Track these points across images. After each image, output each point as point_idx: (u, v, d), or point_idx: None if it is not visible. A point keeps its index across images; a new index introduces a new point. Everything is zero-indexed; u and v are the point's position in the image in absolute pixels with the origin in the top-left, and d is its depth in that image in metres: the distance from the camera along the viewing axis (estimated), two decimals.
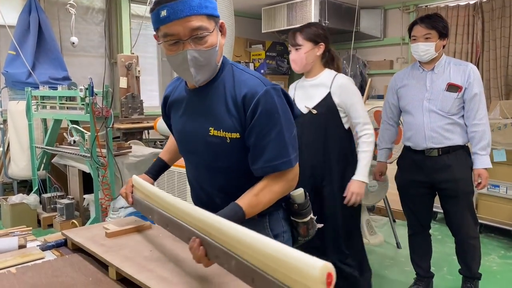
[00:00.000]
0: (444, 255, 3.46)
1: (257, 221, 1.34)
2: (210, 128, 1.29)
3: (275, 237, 1.38)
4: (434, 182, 2.60)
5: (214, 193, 1.38)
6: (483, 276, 2.69)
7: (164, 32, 1.18)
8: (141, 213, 1.52)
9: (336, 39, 7.00)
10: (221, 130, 1.27)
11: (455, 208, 2.60)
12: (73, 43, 4.78)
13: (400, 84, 2.72)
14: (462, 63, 2.59)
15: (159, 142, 5.54)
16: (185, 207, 1.17)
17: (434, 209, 2.83)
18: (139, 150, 4.23)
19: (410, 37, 2.65)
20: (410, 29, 2.64)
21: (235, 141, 1.27)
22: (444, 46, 2.58)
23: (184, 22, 1.16)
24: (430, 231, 2.83)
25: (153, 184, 1.56)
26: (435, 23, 2.53)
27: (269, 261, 0.84)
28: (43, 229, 4.20)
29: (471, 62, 5.56)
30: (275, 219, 1.40)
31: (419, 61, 2.67)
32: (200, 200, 1.45)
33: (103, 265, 1.31)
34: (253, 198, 1.24)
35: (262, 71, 7.25)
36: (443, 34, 2.54)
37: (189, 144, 1.39)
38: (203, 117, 1.31)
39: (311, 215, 1.44)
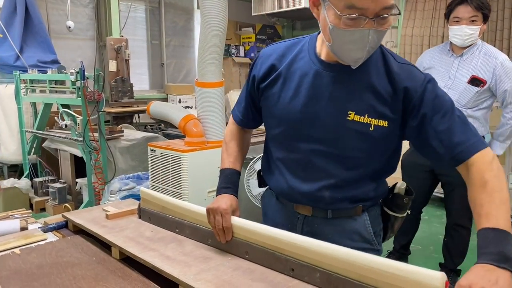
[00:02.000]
0: (431, 234, 3.58)
1: (358, 218, 1.25)
2: (350, 112, 1.12)
3: (375, 235, 1.28)
4: (437, 173, 2.62)
5: (327, 185, 1.20)
6: (472, 258, 2.72)
7: (350, 2, 0.98)
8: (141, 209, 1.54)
9: None
10: (366, 116, 1.12)
11: (452, 194, 2.61)
12: (69, 27, 4.71)
13: (426, 65, 2.58)
14: (492, 54, 2.39)
15: (150, 126, 5.53)
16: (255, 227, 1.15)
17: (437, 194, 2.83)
18: (131, 134, 4.23)
19: (449, 17, 2.41)
20: (452, 9, 2.39)
21: (379, 130, 1.13)
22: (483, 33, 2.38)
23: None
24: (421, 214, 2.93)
25: (237, 201, 1.32)
26: (483, 5, 2.31)
27: (384, 277, 0.86)
28: (35, 213, 4.20)
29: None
30: (374, 216, 1.29)
31: (451, 43, 2.48)
32: (302, 191, 1.24)
33: (105, 246, 1.35)
34: (501, 205, 0.97)
35: (252, 54, 7.23)
36: (487, 17, 2.33)
37: (305, 127, 1.18)
38: (340, 99, 1.13)
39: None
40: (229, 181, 1.34)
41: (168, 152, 2.86)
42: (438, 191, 3.05)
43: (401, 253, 2.96)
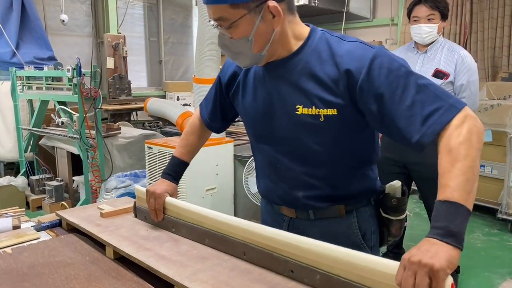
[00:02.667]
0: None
1: (343, 219, 1.20)
2: (298, 106, 1.10)
3: (363, 237, 1.22)
4: (406, 162, 2.62)
5: (296, 184, 1.19)
6: (468, 253, 2.76)
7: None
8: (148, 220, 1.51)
9: (326, 20, 6.95)
10: (313, 107, 1.08)
11: (427, 190, 2.62)
12: (63, 20, 4.67)
13: None
14: (455, 49, 2.50)
15: (148, 123, 5.49)
16: (245, 224, 1.13)
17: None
18: (128, 132, 4.20)
19: (410, 17, 2.55)
20: (411, 9, 2.53)
21: (330, 119, 1.08)
22: (444, 28, 2.50)
23: (209, 8, 1.07)
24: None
25: (176, 189, 1.44)
26: (439, 3, 2.44)
27: (386, 279, 0.83)
28: (32, 211, 4.17)
29: (459, 43, 5.59)
30: (364, 217, 1.22)
31: (415, 42, 2.60)
32: (276, 194, 1.26)
33: (99, 245, 1.31)
34: (461, 175, 0.87)
35: None
36: (445, 15, 2.46)
37: (264, 129, 1.20)
38: (287, 95, 1.12)
39: (407, 212, 1.26)
40: (174, 170, 1.44)
41: (166, 149, 2.83)
42: None
43: (395, 253, 2.93)
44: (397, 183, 1.21)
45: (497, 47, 5.35)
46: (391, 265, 0.83)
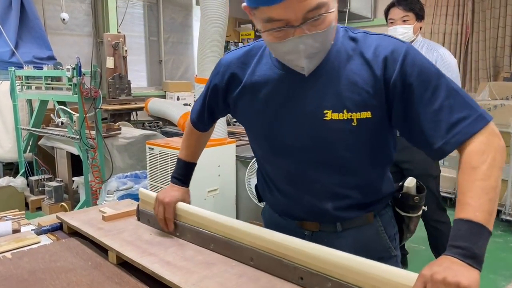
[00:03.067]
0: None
1: (371, 225, 1.13)
2: (326, 111, 1.00)
3: (390, 240, 1.17)
4: (397, 161, 2.60)
5: (324, 196, 1.10)
6: None
7: (267, 16, 0.87)
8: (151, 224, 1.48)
9: None
10: (345, 111, 0.99)
11: None
12: (64, 19, 4.63)
13: None
14: (434, 47, 2.51)
15: (148, 123, 5.45)
16: (248, 228, 1.10)
17: None
18: (128, 132, 4.16)
19: (387, 20, 2.59)
20: (387, 12, 2.57)
21: (364, 123, 0.99)
22: (421, 28, 2.54)
23: (294, 2, 0.85)
24: None
25: (188, 192, 1.38)
26: (412, 5, 2.48)
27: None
28: (31, 212, 4.13)
29: (461, 43, 5.57)
30: (387, 219, 1.17)
31: None
32: (299, 208, 1.16)
33: (101, 249, 1.28)
34: (484, 194, 0.84)
35: None
36: (420, 16, 2.50)
37: (283, 139, 1.07)
38: (312, 100, 1.01)
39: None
40: (182, 173, 1.37)
41: (167, 150, 2.80)
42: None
43: (402, 254, 2.91)
44: (412, 181, 1.18)
45: (499, 47, 5.33)
46: (407, 277, 0.80)
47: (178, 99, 6.03)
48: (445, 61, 2.46)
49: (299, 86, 1.02)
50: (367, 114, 0.98)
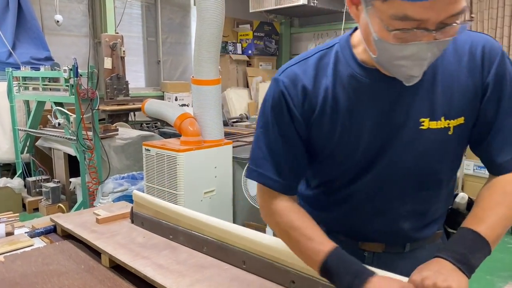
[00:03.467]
0: None
1: (435, 244, 1.04)
2: (423, 120, 0.88)
3: None
4: None
5: (402, 214, 0.98)
6: None
7: (403, 12, 0.72)
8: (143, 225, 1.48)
9: (325, 20, 6.92)
10: (442, 118, 0.88)
11: None
12: (58, 21, 4.62)
13: None
14: None
15: (146, 124, 5.44)
16: (236, 229, 1.11)
17: None
18: (126, 133, 4.15)
19: None
20: None
21: (458, 130, 0.90)
22: None
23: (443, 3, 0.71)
24: None
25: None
26: None
27: None
28: (28, 213, 4.13)
29: None
30: (444, 237, 1.08)
31: None
32: (372, 231, 1.01)
33: (95, 252, 1.28)
34: (501, 219, 0.85)
35: (249, 51, 7.15)
36: None
37: (374, 156, 0.93)
38: (406, 108, 0.89)
39: None
40: (354, 262, 0.86)
41: (164, 151, 2.79)
42: None
43: None
44: (464, 198, 1.08)
45: (497, 38, 5.33)
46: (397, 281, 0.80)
47: (176, 99, 6.02)
48: None
49: (387, 93, 0.89)
50: (460, 120, 0.90)
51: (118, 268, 1.18)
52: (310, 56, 0.95)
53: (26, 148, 4.41)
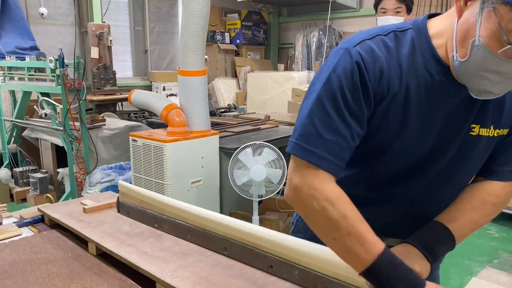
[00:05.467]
0: None
1: None
2: (474, 126, 0.87)
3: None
4: None
5: (431, 217, 0.96)
6: None
7: None
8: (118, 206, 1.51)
9: (312, 9, 6.93)
10: (492, 127, 0.88)
11: None
12: (42, 14, 4.57)
13: None
14: None
15: (134, 114, 5.44)
16: (220, 218, 1.15)
17: None
18: (113, 123, 4.16)
19: (377, 9, 2.64)
20: (379, 1, 2.60)
21: (498, 141, 0.92)
22: None
23: None
24: None
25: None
26: None
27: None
28: (16, 203, 4.13)
29: None
30: None
31: None
32: (400, 225, 0.98)
33: (82, 241, 1.32)
34: (471, 223, 0.91)
35: (237, 41, 7.15)
36: (410, 8, 2.55)
37: (426, 157, 0.89)
38: (460, 111, 0.86)
39: None
40: (405, 268, 0.80)
41: (150, 142, 2.82)
42: None
43: None
44: None
45: None
46: None
47: (164, 89, 6.02)
48: None
49: (456, 95, 0.85)
50: (504, 131, 0.90)
51: (105, 256, 1.22)
52: (384, 35, 0.85)
53: (12, 139, 4.39)
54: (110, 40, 5.22)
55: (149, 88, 6.17)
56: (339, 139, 0.82)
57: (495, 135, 0.88)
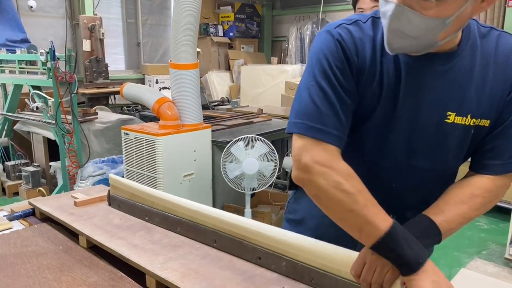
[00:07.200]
0: None
1: None
2: (450, 113, 0.90)
3: None
4: None
5: (410, 205, 0.99)
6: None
7: None
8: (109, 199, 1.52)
9: (306, 2, 6.92)
10: (469, 116, 0.90)
11: None
12: (31, 7, 4.52)
13: None
14: None
15: (126, 107, 5.42)
16: (204, 209, 1.17)
17: None
18: (105, 116, 4.15)
19: (355, 9, 2.66)
20: (356, 0, 2.64)
21: (478, 132, 0.92)
22: None
23: None
24: None
25: None
26: None
27: (346, 267, 0.86)
28: (8, 197, 4.12)
29: None
30: None
31: None
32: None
33: (73, 234, 1.32)
34: (460, 216, 0.90)
35: (231, 34, 7.13)
36: None
37: (401, 137, 0.93)
38: (437, 97, 0.90)
39: None
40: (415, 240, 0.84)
41: (142, 135, 2.82)
42: None
43: None
44: None
45: None
46: (348, 255, 0.88)
47: (157, 82, 6.00)
48: None
49: (432, 80, 0.89)
50: (485, 123, 0.91)
51: (95, 249, 1.23)
52: (363, 21, 0.92)
53: (4, 132, 4.37)
54: (102, 33, 5.19)
55: (142, 81, 6.14)
56: (338, 113, 0.88)
57: (471, 124, 0.90)
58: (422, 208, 0.93)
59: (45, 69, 3.51)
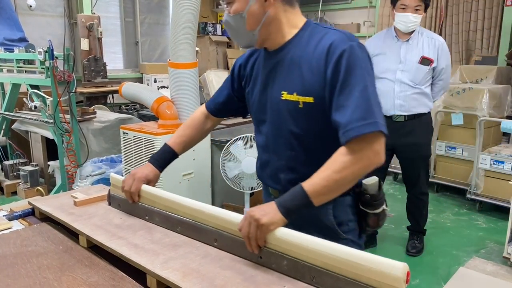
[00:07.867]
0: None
1: (319, 207, 1.12)
2: (283, 92, 1.21)
3: (338, 225, 1.25)
4: (395, 145, 2.73)
5: (280, 167, 1.29)
6: (437, 232, 2.90)
7: None
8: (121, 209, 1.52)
9: (304, 1, 6.90)
10: (295, 94, 1.18)
11: (412, 167, 2.89)
12: (30, 6, 4.50)
13: (374, 52, 2.75)
14: (433, 36, 2.73)
15: (125, 106, 5.41)
16: (210, 210, 1.18)
17: (394, 170, 3.01)
18: (104, 115, 4.14)
19: (395, 4, 2.66)
20: None
21: (308, 106, 1.17)
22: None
23: None
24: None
25: (158, 176, 1.44)
26: None
27: (348, 266, 0.88)
28: (6, 196, 4.11)
29: (435, 26, 5.67)
30: (340, 206, 1.25)
31: (395, 30, 2.72)
32: (266, 174, 1.36)
33: (73, 234, 1.32)
34: (323, 179, 1.05)
35: None
36: (427, 7, 2.64)
37: (261, 113, 1.30)
38: (277, 82, 1.24)
39: (384, 206, 1.25)
40: (162, 157, 1.45)
41: (141, 135, 2.81)
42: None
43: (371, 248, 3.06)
44: (373, 179, 1.22)
45: (471, 31, 5.44)
46: (353, 254, 0.88)
47: (155, 81, 5.98)
48: (444, 49, 2.70)
49: (272, 68, 1.26)
50: (310, 99, 1.17)
51: (96, 248, 1.23)
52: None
53: (2, 131, 4.35)
54: (101, 32, 5.17)
55: (140, 80, 6.13)
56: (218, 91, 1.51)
57: (299, 100, 1.18)
58: (293, 174, 1.24)
59: (43, 68, 3.50)
